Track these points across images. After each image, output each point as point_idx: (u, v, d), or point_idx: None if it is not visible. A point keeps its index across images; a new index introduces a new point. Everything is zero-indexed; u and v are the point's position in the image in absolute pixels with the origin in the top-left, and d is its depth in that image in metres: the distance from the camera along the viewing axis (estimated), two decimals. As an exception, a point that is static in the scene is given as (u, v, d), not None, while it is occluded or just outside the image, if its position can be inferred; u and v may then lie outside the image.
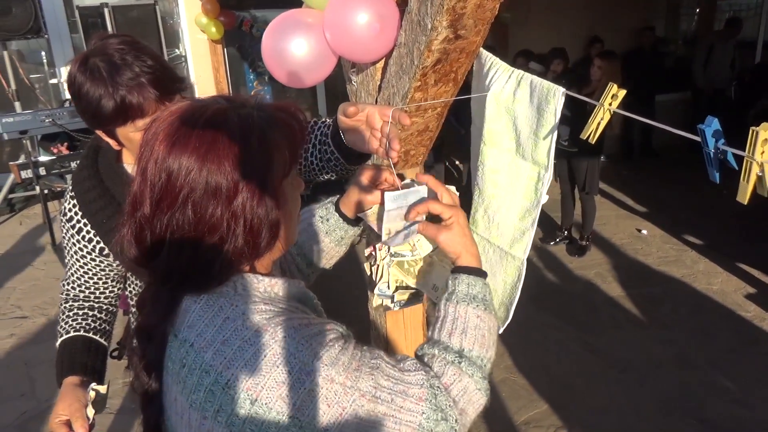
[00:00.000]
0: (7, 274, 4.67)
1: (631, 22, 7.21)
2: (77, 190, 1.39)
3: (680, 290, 4.17)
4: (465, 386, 0.91)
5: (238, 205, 0.79)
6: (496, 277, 1.53)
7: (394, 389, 0.83)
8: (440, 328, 0.97)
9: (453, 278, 1.01)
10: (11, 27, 5.12)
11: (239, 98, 0.85)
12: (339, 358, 0.80)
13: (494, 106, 1.42)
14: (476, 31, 1.26)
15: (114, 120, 1.19)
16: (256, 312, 0.80)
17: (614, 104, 1.13)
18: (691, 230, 5.08)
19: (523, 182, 1.42)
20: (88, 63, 1.18)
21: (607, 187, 6.27)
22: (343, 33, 1.44)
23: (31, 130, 4.57)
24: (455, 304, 0.98)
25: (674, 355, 3.41)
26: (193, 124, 0.79)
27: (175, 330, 0.83)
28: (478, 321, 0.96)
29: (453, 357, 0.93)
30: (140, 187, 0.81)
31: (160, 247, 0.81)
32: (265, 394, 0.76)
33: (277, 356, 0.77)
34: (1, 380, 3.29)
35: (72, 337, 1.42)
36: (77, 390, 1.31)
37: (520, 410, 2.99)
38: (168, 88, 1.21)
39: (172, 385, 0.83)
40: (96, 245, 1.39)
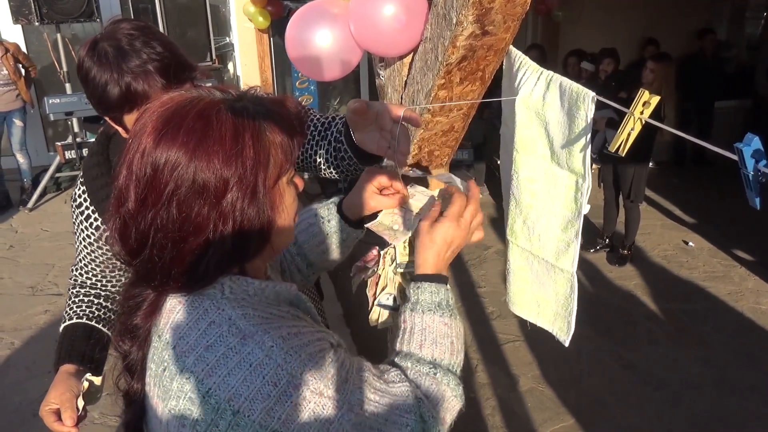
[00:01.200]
0: (49, 251, 4.81)
1: (689, 24, 6.89)
2: (86, 177, 1.37)
3: (725, 308, 3.96)
4: (442, 395, 0.90)
5: (226, 205, 0.74)
6: (545, 288, 1.45)
7: (381, 402, 0.82)
8: (409, 340, 0.95)
9: (415, 287, 0.97)
10: (65, 10, 5.26)
11: (235, 91, 0.80)
12: (328, 370, 0.76)
13: (524, 111, 1.33)
14: (505, 28, 1.18)
15: (119, 107, 1.16)
16: (244, 317, 0.75)
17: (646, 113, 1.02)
18: (742, 245, 4.83)
19: (561, 191, 1.34)
20: (97, 47, 1.15)
21: (654, 195, 6.03)
22: (367, 25, 1.38)
23: (76, 112, 4.67)
24: (421, 314, 0.95)
25: (714, 376, 3.24)
26: (183, 117, 0.74)
27: (158, 331, 0.79)
28: (446, 329, 0.94)
29: (427, 369, 0.91)
30: (125, 181, 0.76)
31: (144, 244, 0.76)
32: (247, 406, 0.71)
33: (263, 366, 0.72)
34: (32, 355, 3.37)
35: (74, 323, 1.41)
36: (71, 379, 1.30)
37: (546, 422, 2.89)
38: (177, 77, 1.17)
39: (152, 388, 0.80)
40: (103, 233, 1.38)
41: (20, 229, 5.32)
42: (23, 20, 5.26)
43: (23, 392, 3.02)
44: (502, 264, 4.58)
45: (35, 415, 2.84)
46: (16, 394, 3.03)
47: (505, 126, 1.44)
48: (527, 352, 3.43)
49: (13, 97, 5.61)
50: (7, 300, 4.04)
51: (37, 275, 4.38)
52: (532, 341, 3.50)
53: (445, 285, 0.98)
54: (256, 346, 0.73)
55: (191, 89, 1.14)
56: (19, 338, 3.56)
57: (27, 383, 3.09)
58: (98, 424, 2.83)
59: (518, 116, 1.35)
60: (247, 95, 0.79)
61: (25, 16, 5.21)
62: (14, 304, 3.97)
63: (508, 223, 1.52)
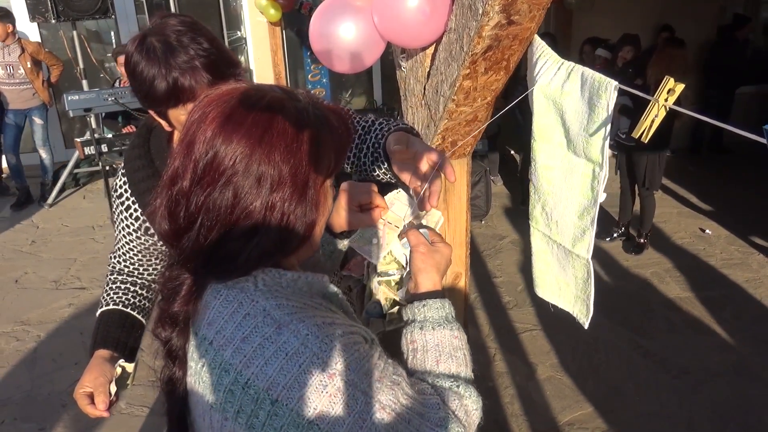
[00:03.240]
0: (70, 246, 4.89)
1: (704, 9, 6.81)
2: (128, 168, 1.40)
3: (743, 296, 3.94)
4: (466, 409, 0.90)
5: (278, 198, 0.76)
6: (566, 272, 1.47)
7: (413, 409, 0.81)
8: (423, 359, 0.94)
9: (420, 306, 0.97)
10: (81, 7, 5.30)
11: (294, 91, 0.82)
12: (363, 364, 0.77)
13: (542, 100, 1.35)
14: (531, 17, 1.19)
15: (165, 101, 1.18)
16: (278, 308, 0.76)
17: (670, 100, 1.03)
18: (759, 232, 4.80)
19: (577, 179, 1.35)
20: (145, 42, 1.18)
21: (671, 183, 5.99)
22: (391, 17, 1.40)
23: (95, 108, 4.72)
24: (432, 331, 0.95)
25: (733, 364, 3.23)
26: (251, 107, 0.77)
27: (195, 327, 0.81)
28: (458, 342, 0.95)
29: (449, 383, 0.91)
30: (183, 162, 0.78)
31: (192, 224, 0.78)
32: (285, 395, 0.73)
33: (299, 355, 0.73)
34: (57, 348, 3.44)
35: (111, 309, 1.45)
36: (105, 364, 1.33)
37: (565, 410, 2.90)
38: (222, 73, 1.19)
39: (194, 386, 0.81)
40: (142, 224, 1.40)
41: (41, 225, 5.40)
42: (40, 18, 5.31)
43: (51, 383, 3.09)
44: (518, 254, 4.59)
45: (64, 405, 2.93)
46: (44, 385, 3.10)
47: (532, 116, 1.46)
48: (545, 341, 3.44)
49: (30, 94, 5.68)
50: (31, 294, 4.12)
51: (59, 269, 4.46)
52: (549, 330, 3.51)
53: (447, 299, 1.00)
54: (292, 335, 0.74)
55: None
56: (44, 331, 3.63)
57: (54, 374, 3.16)
58: (125, 414, 2.89)
59: (535, 105, 1.36)
60: (305, 97, 0.82)
61: (42, 13, 5.26)
62: (38, 298, 4.05)
63: (530, 209, 1.54)
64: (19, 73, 5.54)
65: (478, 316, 3.73)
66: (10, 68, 5.52)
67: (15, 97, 5.63)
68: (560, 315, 1.59)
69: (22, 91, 5.62)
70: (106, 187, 5.19)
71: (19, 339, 3.56)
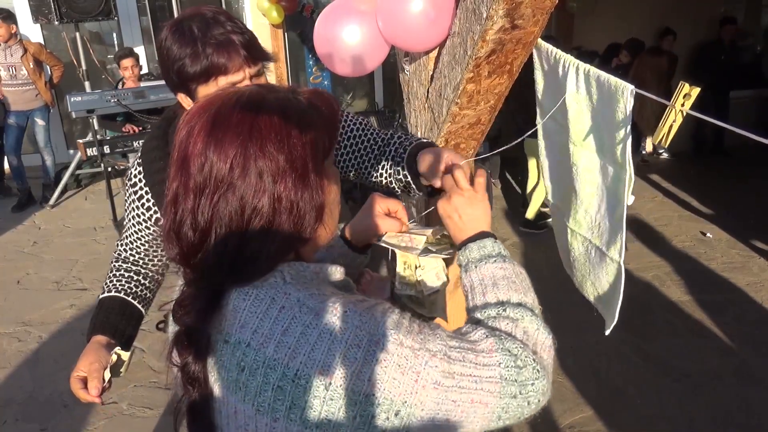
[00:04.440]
0: (72, 247, 4.90)
1: (706, 13, 6.82)
2: (144, 158, 1.41)
3: (745, 299, 3.94)
4: (524, 329, 0.87)
5: (282, 189, 0.76)
6: (601, 279, 1.47)
7: (462, 347, 0.78)
8: (472, 297, 0.94)
9: (462, 252, 0.99)
10: (84, 9, 5.32)
11: (272, 85, 0.84)
12: (401, 321, 0.77)
13: (575, 106, 1.35)
14: (534, 21, 1.20)
15: (198, 77, 1.19)
16: (311, 297, 0.77)
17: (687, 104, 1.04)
18: (761, 235, 4.80)
19: (609, 182, 1.36)
20: (181, 25, 1.20)
21: (671, 187, 6.00)
22: (395, 21, 1.41)
23: (98, 110, 4.74)
24: (475, 269, 0.95)
25: (735, 367, 3.24)
26: (233, 108, 0.78)
27: (225, 335, 0.78)
28: (502, 272, 0.94)
29: (496, 311, 0.89)
30: (181, 180, 0.78)
31: (203, 239, 0.78)
32: (339, 375, 0.72)
33: (343, 332, 0.73)
34: (59, 349, 3.45)
35: (112, 296, 1.46)
36: (101, 350, 1.34)
37: (566, 413, 2.90)
38: (255, 53, 1.21)
39: (228, 397, 0.78)
40: (153, 214, 1.41)
41: (43, 226, 5.41)
42: (43, 19, 5.33)
43: (53, 384, 3.10)
44: (519, 256, 4.59)
45: (66, 405, 2.94)
46: (46, 385, 3.11)
47: (553, 120, 1.45)
48: (546, 343, 3.44)
49: (33, 96, 5.70)
50: (33, 295, 4.13)
51: (61, 270, 4.46)
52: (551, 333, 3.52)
53: (490, 238, 0.99)
54: (331, 316, 0.74)
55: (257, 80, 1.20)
56: (46, 332, 3.64)
57: (56, 375, 3.16)
58: (127, 415, 2.89)
59: (570, 112, 1.36)
60: (284, 88, 0.83)
61: (45, 15, 5.28)
62: (40, 299, 4.05)
63: (570, 213, 1.53)
64: (21, 74, 5.56)
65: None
66: (12, 69, 5.54)
67: (17, 98, 5.64)
68: (561, 317, 1.60)
69: (25, 92, 5.64)
70: (108, 188, 5.20)
71: (21, 340, 3.57)
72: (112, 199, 5.20)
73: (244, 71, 1.20)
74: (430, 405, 0.74)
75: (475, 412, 0.77)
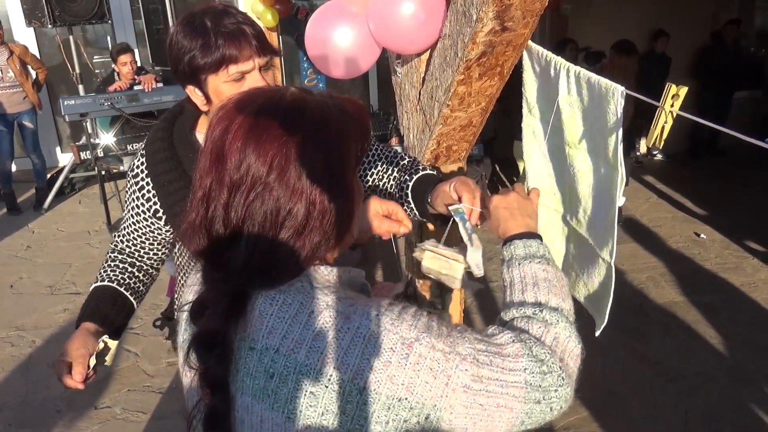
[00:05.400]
0: (65, 251, 4.88)
1: (699, 15, 6.86)
2: (148, 150, 1.41)
3: (738, 300, 3.96)
4: (555, 335, 0.86)
5: (318, 193, 0.76)
6: (593, 279, 1.48)
7: (489, 350, 0.78)
8: (511, 293, 0.94)
9: (507, 246, 1.00)
10: (77, 12, 5.30)
11: (307, 88, 0.83)
12: (431, 325, 0.76)
13: (567, 108, 1.35)
14: (524, 24, 1.20)
15: (209, 68, 1.21)
16: (340, 301, 0.76)
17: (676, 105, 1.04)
18: (754, 236, 4.82)
19: (602, 183, 1.36)
20: (191, 19, 1.22)
21: (665, 188, 6.02)
22: (386, 23, 1.41)
23: (91, 113, 4.72)
24: (517, 266, 0.96)
25: (728, 367, 3.25)
26: (274, 108, 0.77)
27: (251, 342, 0.76)
28: (545, 274, 0.94)
29: (532, 310, 0.89)
30: (215, 175, 0.76)
31: (235, 237, 0.76)
32: (373, 379, 0.71)
33: (377, 336, 0.72)
34: (52, 353, 3.39)
35: (104, 285, 1.45)
36: (89, 337, 1.33)
37: (561, 415, 2.90)
38: (265, 46, 1.24)
39: (254, 405, 0.76)
40: (152, 206, 1.41)
41: (36, 230, 5.39)
42: (36, 23, 5.31)
43: (46, 389, 3.08)
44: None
45: (59, 411, 2.92)
46: (39, 390, 3.09)
47: (547, 122, 1.45)
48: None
49: (20, 98, 5.63)
50: (27, 299, 4.11)
51: (55, 275, 4.45)
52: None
53: (537, 239, 1.00)
54: (364, 319, 0.73)
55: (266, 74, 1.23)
56: (40, 337, 3.62)
57: (49, 380, 3.14)
58: (120, 420, 2.88)
59: (563, 114, 1.37)
60: (320, 93, 0.82)
61: (38, 18, 5.26)
62: (34, 303, 4.04)
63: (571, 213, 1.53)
64: (8, 76, 5.50)
65: (475, 320, 3.74)
66: None
67: (5, 101, 5.57)
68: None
69: (12, 95, 5.58)
70: (102, 192, 5.18)
71: (14, 344, 3.55)
72: (106, 203, 5.19)
73: (253, 60, 1.22)
74: (458, 408, 0.74)
75: (500, 416, 0.77)
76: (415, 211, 1.36)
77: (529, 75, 1.40)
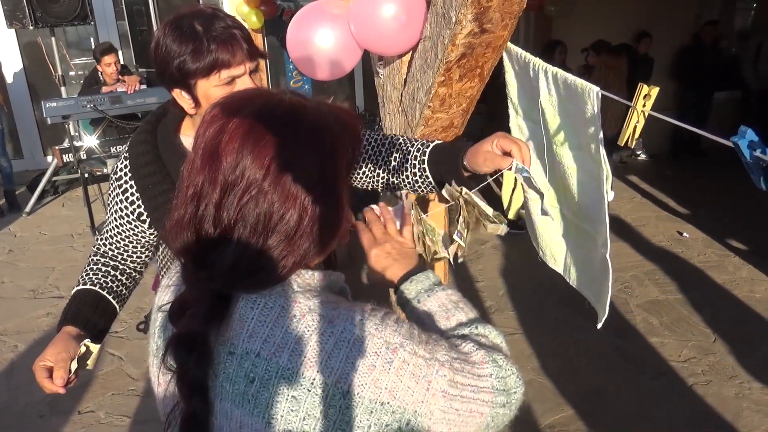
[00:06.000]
0: (48, 255, 4.82)
1: (682, 16, 6.93)
2: (131, 152, 1.40)
3: (720, 297, 4.01)
4: (494, 342, 0.90)
5: (311, 200, 0.76)
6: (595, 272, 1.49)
7: (460, 358, 0.80)
8: (436, 321, 0.94)
9: (402, 292, 0.99)
10: (59, 14, 5.25)
11: (301, 93, 0.82)
12: (413, 332, 0.77)
13: (550, 108, 1.36)
14: (503, 26, 1.21)
15: (200, 72, 1.20)
16: (322, 305, 0.76)
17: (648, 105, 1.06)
18: (736, 234, 4.88)
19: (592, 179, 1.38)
20: (179, 22, 1.21)
21: (649, 187, 6.08)
22: (368, 25, 1.41)
23: (73, 115, 4.68)
24: (428, 299, 0.95)
25: (711, 364, 3.28)
26: (272, 112, 0.77)
27: (230, 346, 0.75)
28: (456, 297, 0.96)
29: (468, 329, 0.90)
30: (208, 174, 0.75)
31: (224, 237, 0.75)
32: (357, 382, 0.72)
33: (361, 340, 0.72)
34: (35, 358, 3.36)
35: (86, 289, 1.43)
36: (70, 341, 1.31)
37: (546, 413, 2.92)
38: (254, 50, 1.24)
39: (233, 411, 0.75)
40: (136, 209, 1.40)
41: (19, 233, 5.32)
42: (17, 24, 5.24)
43: (29, 394, 3.05)
44: (499, 258, 4.62)
45: (42, 416, 2.89)
46: (21, 395, 3.06)
47: (529, 119, 1.46)
48: (526, 344, 3.46)
49: None
50: (8, 304, 4.06)
51: (37, 279, 4.40)
52: (530, 334, 3.54)
53: (424, 271, 1.00)
54: (348, 323, 0.73)
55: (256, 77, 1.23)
56: (22, 341, 3.58)
57: (32, 385, 3.06)
58: (104, 424, 2.85)
59: (546, 113, 1.38)
60: (314, 99, 0.82)
61: (19, 20, 5.19)
62: (16, 307, 3.99)
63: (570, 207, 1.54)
64: None
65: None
66: None
67: None
68: (541, 318, 1.61)
69: None
70: (86, 194, 5.13)
71: (-4, 349, 3.51)
72: (90, 206, 5.13)
73: (244, 65, 1.22)
74: (437, 414, 0.75)
75: (472, 420, 0.79)
76: (429, 179, 1.30)
77: (510, 76, 1.42)
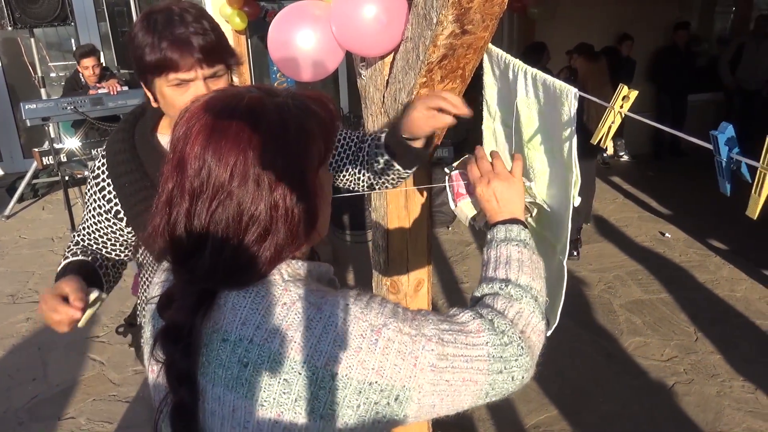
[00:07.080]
0: (28, 259, 4.75)
1: (664, 19, 7.02)
2: (109, 150, 1.40)
3: (702, 296, 4.05)
4: (519, 310, 0.91)
5: (279, 196, 0.77)
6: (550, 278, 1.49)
7: (453, 329, 0.83)
8: (485, 271, 1.00)
9: (491, 230, 1.05)
10: (39, 14, 5.18)
11: (271, 88, 0.83)
12: (397, 311, 0.80)
13: (525, 110, 1.36)
14: (484, 27, 1.21)
15: (151, 69, 1.20)
16: (311, 293, 0.79)
17: (626, 106, 1.07)
18: (716, 235, 4.95)
19: (560, 183, 1.38)
20: (150, 16, 1.21)
21: (631, 188, 6.14)
22: (349, 26, 1.41)
23: (53, 117, 4.62)
24: (495, 247, 1.01)
25: (693, 363, 3.32)
26: (232, 112, 0.77)
27: (224, 334, 0.78)
28: (518, 255, 0.99)
29: (499, 286, 0.94)
30: (177, 182, 0.78)
31: (198, 244, 0.77)
32: (344, 365, 0.75)
33: (347, 323, 0.76)
34: (14, 364, 3.33)
35: (74, 260, 1.39)
36: (82, 281, 1.20)
37: (530, 413, 2.94)
38: (214, 56, 1.22)
39: (226, 395, 0.77)
40: (113, 207, 1.39)
41: (-3, 237, 5.25)
42: (-5, 25, 5.18)
43: (7, 400, 2.99)
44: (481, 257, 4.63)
45: (21, 423, 2.85)
46: (1, 402, 2.99)
47: (504, 125, 1.46)
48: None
49: None
50: (-14, 309, 3.99)
51: (17, 283, 4.33)
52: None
53: (518, 224, 1.05)
54: (334, 308, 0.77)
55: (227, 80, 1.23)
56: (1, 347, 3.51)
57: (11, 391, 3.06)
58: (85, 430, 2.81)
59: (522, 116, 1.38)
60: (282, 92, 0.82)
61: (-2, 20, 5.13)
62: (-6, 312, 3.92)
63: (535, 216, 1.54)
64: None
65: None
66: None
67: None
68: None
69: None
70: (66, 197, 5.06)
71: (-27, 355, 3.45)
72: (70, 209, 5.06)
73: (196, 71, 1.20)
74: (426, 387, 0.78)
75: (466, 389, 0.81)
76: (397, 167, 1.35)
77: (489, 78, 1.42)
